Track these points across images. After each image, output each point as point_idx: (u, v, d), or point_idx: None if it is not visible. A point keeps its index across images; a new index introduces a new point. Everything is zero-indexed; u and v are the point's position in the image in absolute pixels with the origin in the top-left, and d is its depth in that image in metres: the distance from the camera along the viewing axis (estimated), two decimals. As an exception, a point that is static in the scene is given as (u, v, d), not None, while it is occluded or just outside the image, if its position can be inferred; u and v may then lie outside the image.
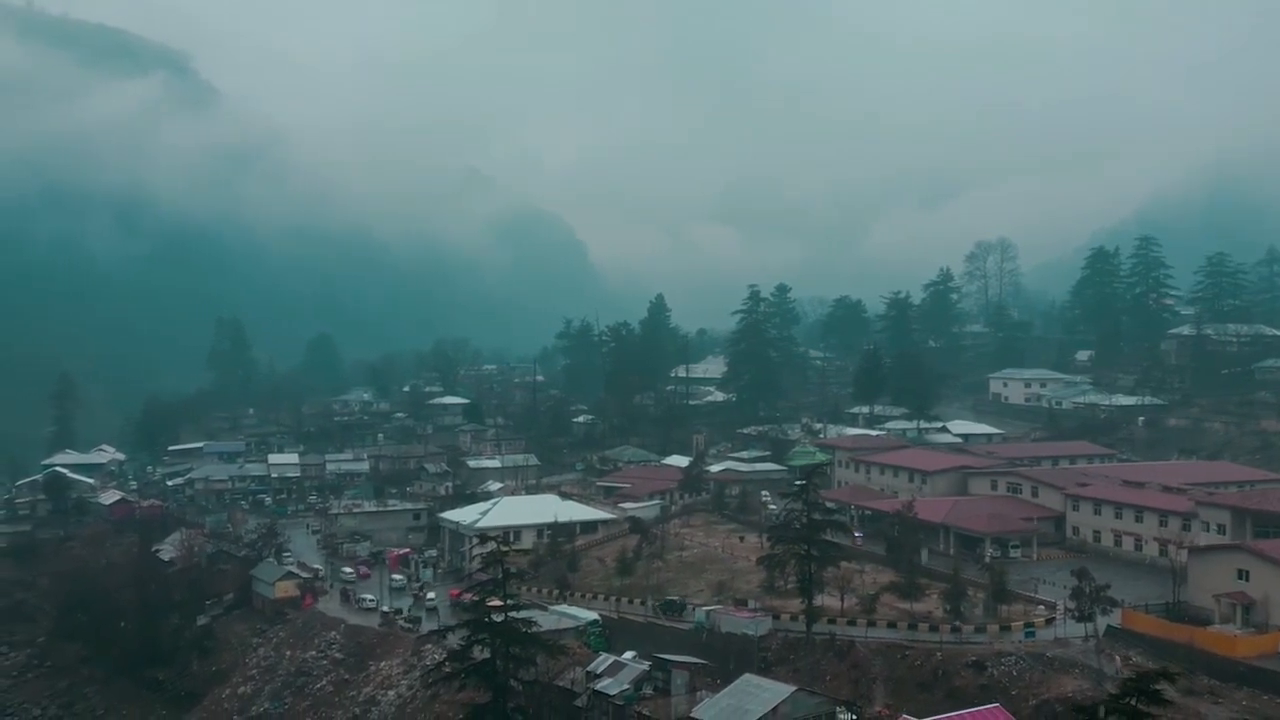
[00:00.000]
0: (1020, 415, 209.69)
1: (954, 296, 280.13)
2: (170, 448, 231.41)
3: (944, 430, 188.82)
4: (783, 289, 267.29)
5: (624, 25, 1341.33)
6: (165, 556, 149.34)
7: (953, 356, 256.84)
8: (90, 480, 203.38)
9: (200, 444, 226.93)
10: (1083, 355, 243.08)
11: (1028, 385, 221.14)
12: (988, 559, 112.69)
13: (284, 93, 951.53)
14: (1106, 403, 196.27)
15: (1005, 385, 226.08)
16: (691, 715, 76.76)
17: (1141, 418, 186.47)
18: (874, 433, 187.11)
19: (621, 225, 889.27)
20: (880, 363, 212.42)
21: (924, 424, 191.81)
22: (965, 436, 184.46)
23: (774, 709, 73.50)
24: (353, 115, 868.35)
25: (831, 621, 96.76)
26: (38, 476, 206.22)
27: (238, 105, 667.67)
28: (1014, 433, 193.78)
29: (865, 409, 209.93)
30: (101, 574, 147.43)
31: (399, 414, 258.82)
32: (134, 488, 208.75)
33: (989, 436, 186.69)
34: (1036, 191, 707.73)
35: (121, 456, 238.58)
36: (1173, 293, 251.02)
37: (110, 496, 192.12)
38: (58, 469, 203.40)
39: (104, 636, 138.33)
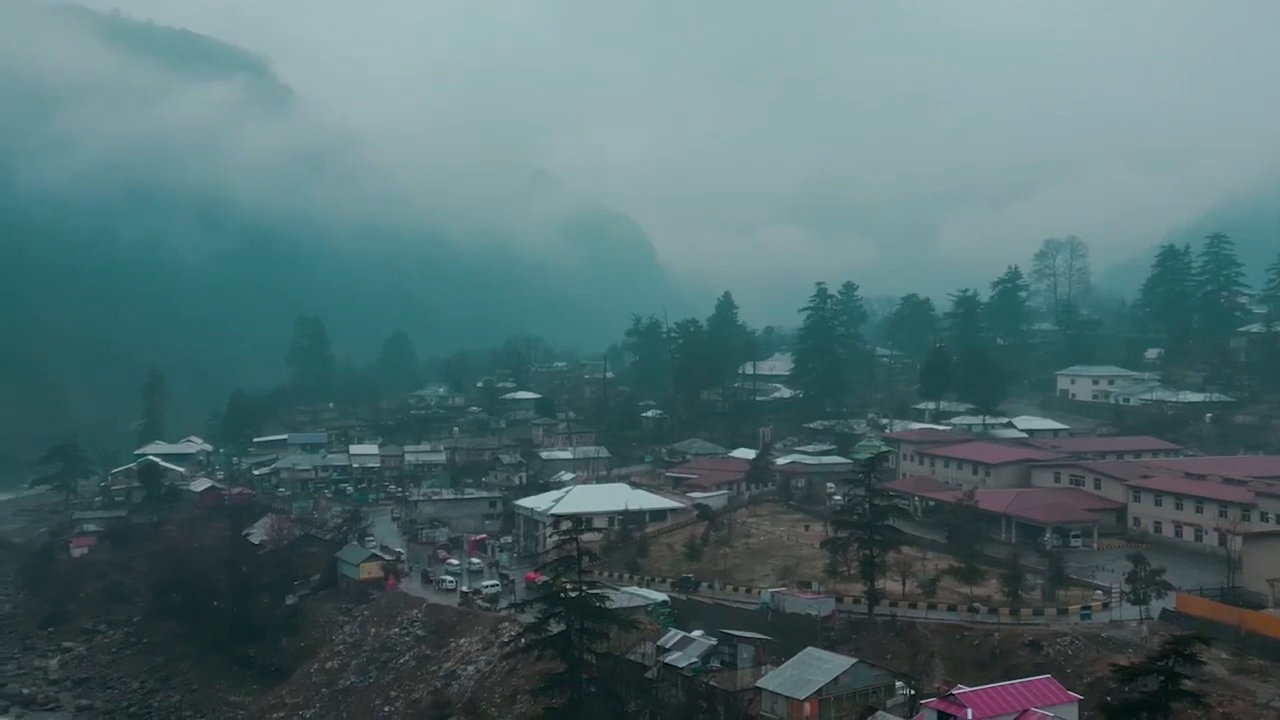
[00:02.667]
0: (1087, 412, 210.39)
1: (1022, 295, 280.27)
2: (255, 439, 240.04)
3: (1009, 426, 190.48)
4: (850, 286, 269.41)
5: (689, 23, 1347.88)
6: (255, 540, 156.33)
7: (1021, 354, 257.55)
8: (180, 469, 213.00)
9: (284, 436, 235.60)
10: (1152, 353, 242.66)
11: (1095, 382, 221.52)
12: (1048, 547, 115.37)
13: (357, 95, 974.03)
14: (1174, 399, 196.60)
15: (1073, 382, 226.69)
16: (757, 685, 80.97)
17: (1209, 414, 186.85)
18: (939, 427, 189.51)
19: (689, 225, 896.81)
20: (946, 359, 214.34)
21: (989, 419, 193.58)
22: (1031, 432, 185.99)
23: (835, 679, 77.46)
24: (423, 117, 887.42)
25: (893, 604, 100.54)
26: (132, 465, 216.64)
27: (313, 107, 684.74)
28: (1080, 429, 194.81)
29: (931, 405, 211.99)
30: (194, 556, 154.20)
31: (473, 408, 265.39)
32: (221, 477, 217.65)
33: (1054, 432, 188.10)
34: (1111, 190, 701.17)
35: (209, 447, 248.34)
36: (1244, 291, 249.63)
37: (201, 484, 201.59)
38: (151, 458, 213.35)
39: (197, 615, 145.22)
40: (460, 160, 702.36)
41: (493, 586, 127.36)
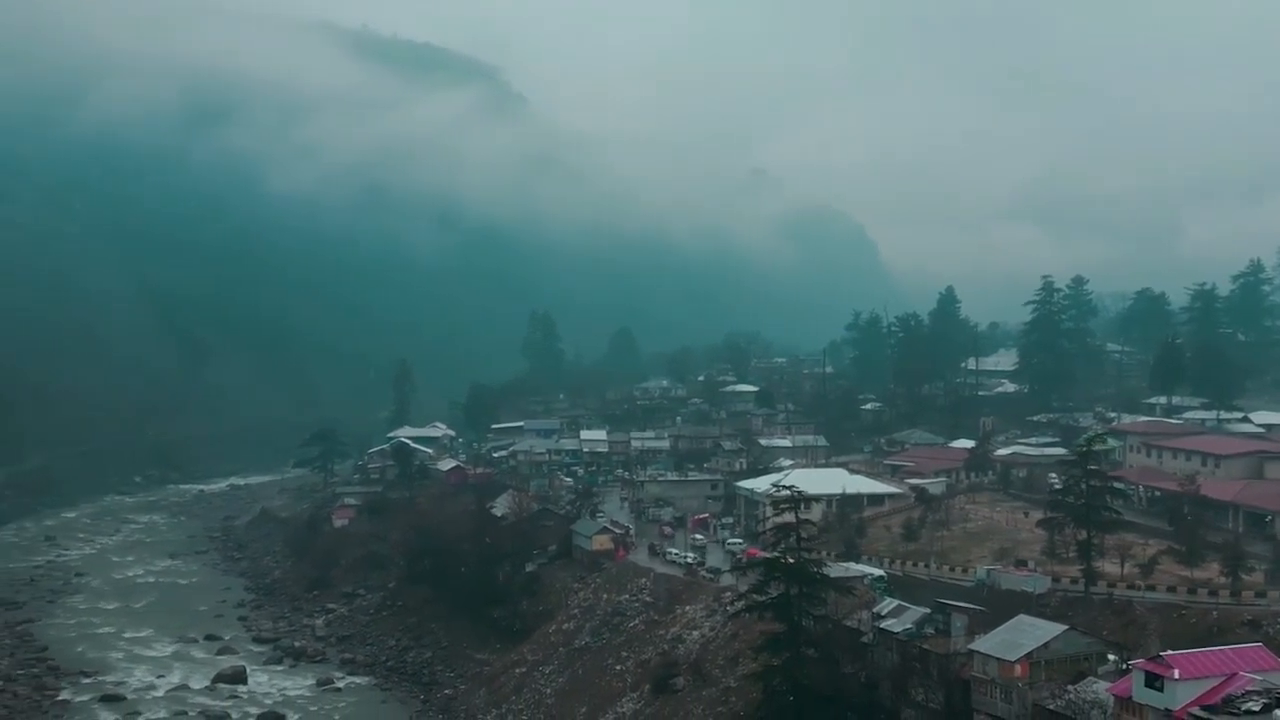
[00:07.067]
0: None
1: (1265, 289, 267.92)
2: (493, 426, 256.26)
3: (1245, 420, 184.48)
4: (1079, 280, 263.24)
5: (913, 16, 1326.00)
6: (497, 513, 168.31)
7: (1263, 350, 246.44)
8: (428, 451, 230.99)
9: (520, 423, 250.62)
10: None
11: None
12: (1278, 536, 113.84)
13: (582, 100, 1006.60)
14: None
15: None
16: (970, 648, 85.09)
17: None
18: (1170, 421, 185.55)
19: (913, 222, 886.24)
20: (1180, 353, 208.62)
21: (1224, 414, 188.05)
22: (1268, 426, 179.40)
23: (1045, 644, 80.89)
24: (645, 120, 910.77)
25: (1110, 585, 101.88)
26: (385, 446, 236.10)
27: (542, 113, 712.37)
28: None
29: (1162, 399, 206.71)
30: (443, 528, 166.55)
31: (695, 400, 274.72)
32: (463, 459, 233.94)
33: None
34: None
35: (452, 432, 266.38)
36: None
37: (447, 464, 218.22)
38: (402, 440, 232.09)
39: (446, 580, 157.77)
40: (681, 161, 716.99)
41: (691, 556, 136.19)
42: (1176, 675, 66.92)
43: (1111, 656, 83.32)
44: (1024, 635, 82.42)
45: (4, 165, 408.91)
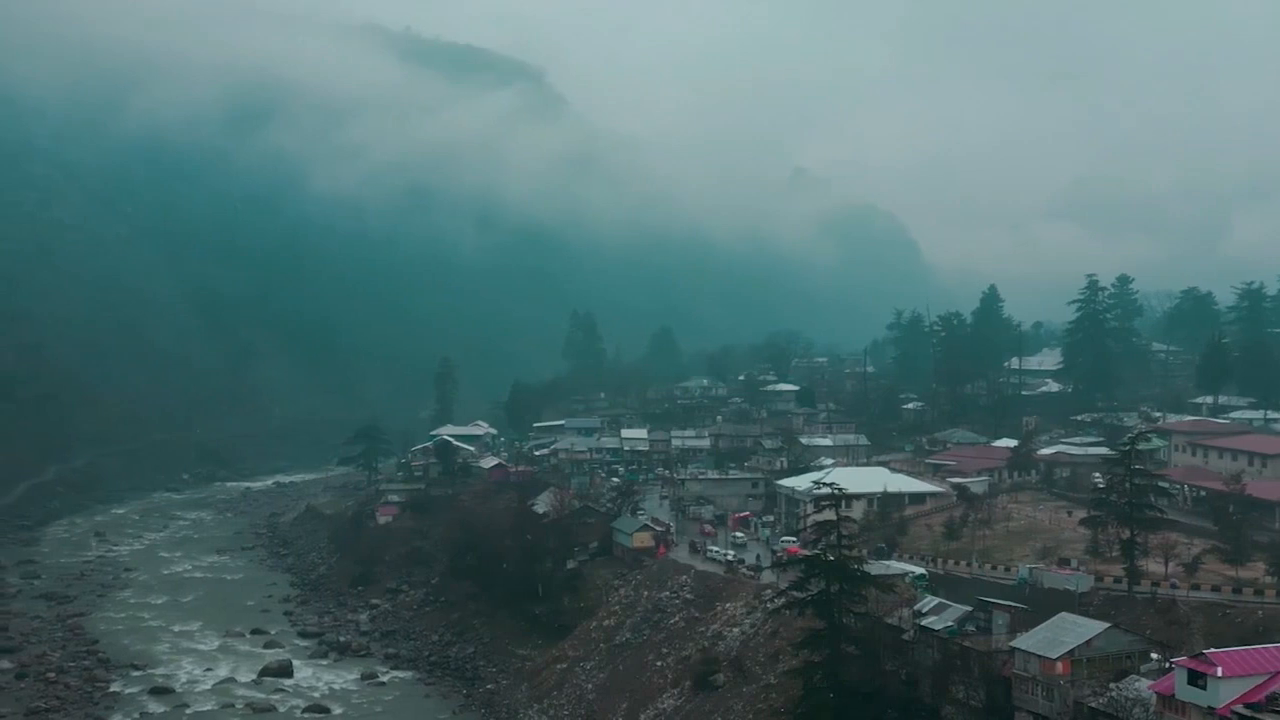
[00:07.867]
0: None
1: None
2: (535, 424, 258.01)
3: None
4: (1124, 279, 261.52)
5: (953, 16, 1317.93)
6: (539, 510, 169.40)
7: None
8: (470, 448, 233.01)
9: (561, 421, 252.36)
10: None
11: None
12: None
13: (623, 101, 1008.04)
14: None
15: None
16: (1011, 645, 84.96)
17: None
18: (1216, 420, 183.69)
19: (956, 222, 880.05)
20: (1226, 351, 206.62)
21: (1271, 413, 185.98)
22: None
23: (1088, 641, 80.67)
24: (686, 120, 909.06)
25: (1155, 585, 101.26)
26: (429, 444, 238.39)
27: (582, 114, 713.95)
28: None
29: (1208, 399, 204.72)
30: (485, 524, 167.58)
31: (735, 399, 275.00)
32: (505, 456, 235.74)
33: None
34: None
35: (494, 431, 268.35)
36: None
37: (489, 461, 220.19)
38: (445, 437, 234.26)
39: (489, 576, 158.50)
40: (721, 161, 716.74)
41: (731, 554, 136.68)
42: (1220, 673, 66.72)
43: (1154, 655, 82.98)
44: (1066, 633, 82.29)
45: (54, 168, 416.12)
